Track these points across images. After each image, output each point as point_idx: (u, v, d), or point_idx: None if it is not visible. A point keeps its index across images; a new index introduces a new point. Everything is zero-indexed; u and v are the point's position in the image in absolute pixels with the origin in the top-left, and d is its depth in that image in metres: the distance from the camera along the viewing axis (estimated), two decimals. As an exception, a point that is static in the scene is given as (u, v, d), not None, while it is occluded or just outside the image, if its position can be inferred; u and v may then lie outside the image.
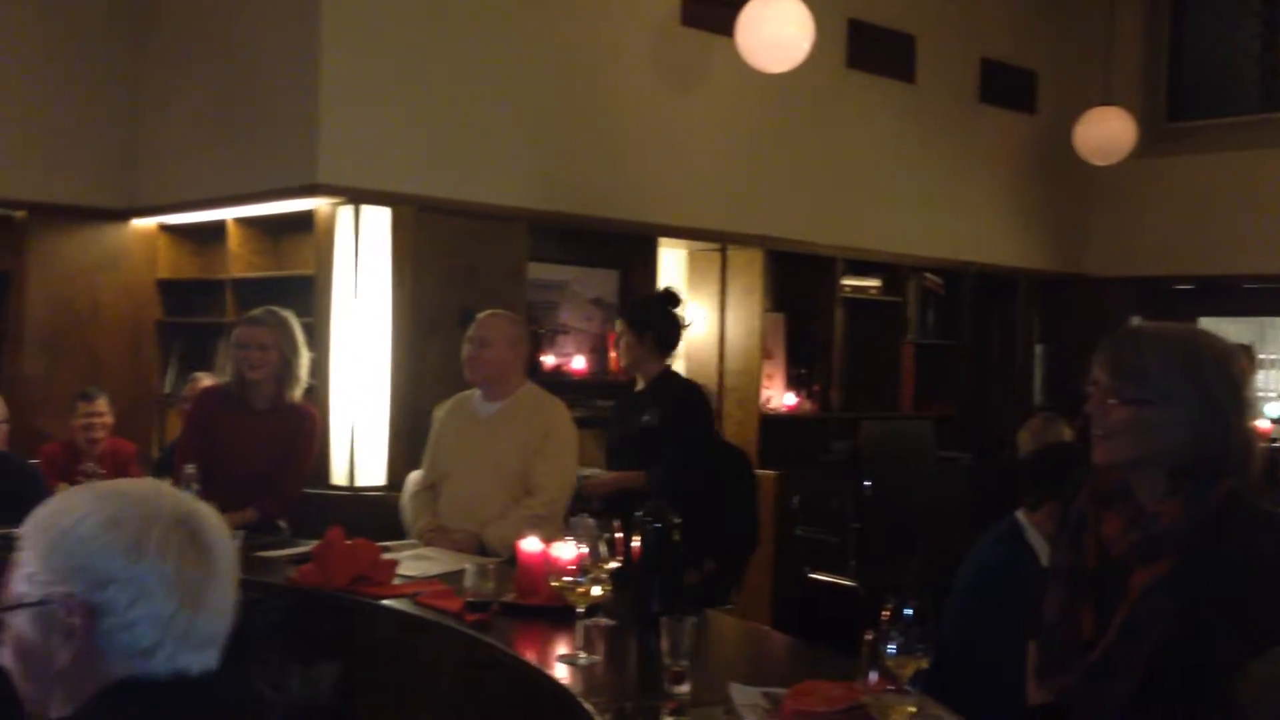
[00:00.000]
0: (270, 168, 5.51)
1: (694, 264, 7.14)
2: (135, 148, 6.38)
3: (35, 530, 1.37)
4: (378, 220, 5.51)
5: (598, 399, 6.07)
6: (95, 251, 6.42)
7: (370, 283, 5.48)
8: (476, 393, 4.07)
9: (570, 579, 2.60)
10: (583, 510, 3.11)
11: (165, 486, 1.44)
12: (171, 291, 6.64)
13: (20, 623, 1.34)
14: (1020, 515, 3.14)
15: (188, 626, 1.33)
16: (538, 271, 6.12)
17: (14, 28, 6.06)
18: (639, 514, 2.83)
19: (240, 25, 5.79)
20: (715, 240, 6.83)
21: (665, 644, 2.24)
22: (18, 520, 3.76)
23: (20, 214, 6.20)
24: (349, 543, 3.19)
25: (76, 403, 5.49)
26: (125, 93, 6.36)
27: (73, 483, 5.04)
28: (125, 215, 6.45)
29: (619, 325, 4.74)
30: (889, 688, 1.88)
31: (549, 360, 6.22)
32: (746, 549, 5.58)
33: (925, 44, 7.66)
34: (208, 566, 1.36)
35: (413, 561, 3.44)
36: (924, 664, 1.90)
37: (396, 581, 3.18)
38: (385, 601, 3.03)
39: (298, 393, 4.36)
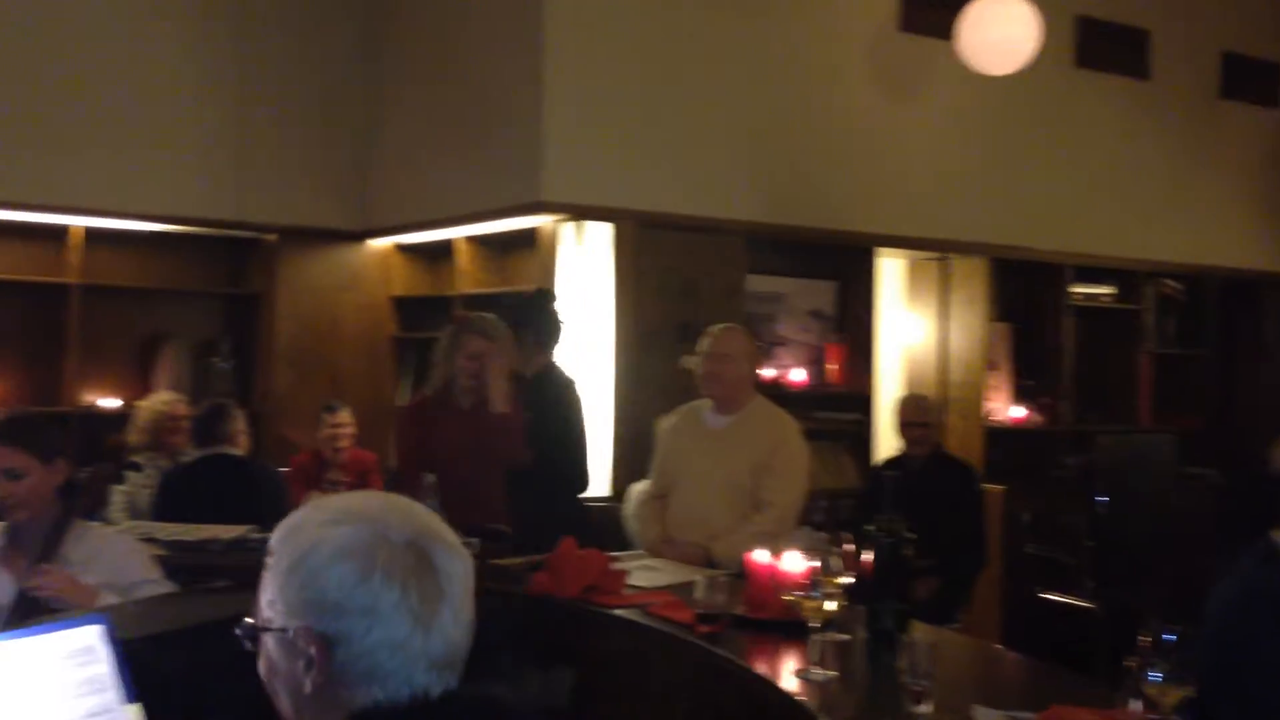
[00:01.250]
0: (497, 187, 5.70)
1: (914, 273, 7.00)
2: (371, 173, 6.72)
3: (275, 554, 1.37)
4: (599, 236, 5.63)
5: (817, 411, 6.02)
6: (336, 271, 6.79)
7: (593, 298, 5.59)
8: (706, 405, 4.08)
9: (801, 593, 2.57)
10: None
11: (396, 504, 1.41)
12: (405, 308, 6.95)
13: (269, 645, 1.36)
14: (1277, 536, 2.93)
15: (423, 648, 1.32)
16: (756, 284, 6.12)
17: (264, 70, 6.48)
18: (870, 527, 2.79)
19: (466, 51, 6.03)
20: (936, 249, 6.68)
21: (905, 661, 2.20)
22: (257, 520, 3.98)
23: (271, 238, 6.62)
24: (580, 552, 3.26)
25: (322, 414, 5.82)
26: (361, 122, 6.71)
27: (321, 490, 5.35)
28: (362, 236, 6.80)
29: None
30: (1152, 717, 1.78)
31: (767, 373, 6.20)
32: (974, 566, 5.43)
33: (1161, 38, 7.29)
34: (439, 587, 1.34)
35: (641, 572, 3.48)
36: (1189, 693, 1.80)
37: (627, 591, 3.22)
38: (616, 611, 3.08)
39: (507, 398, 4.50)
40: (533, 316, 4.76)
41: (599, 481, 5.55)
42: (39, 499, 2.89)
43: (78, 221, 6.16)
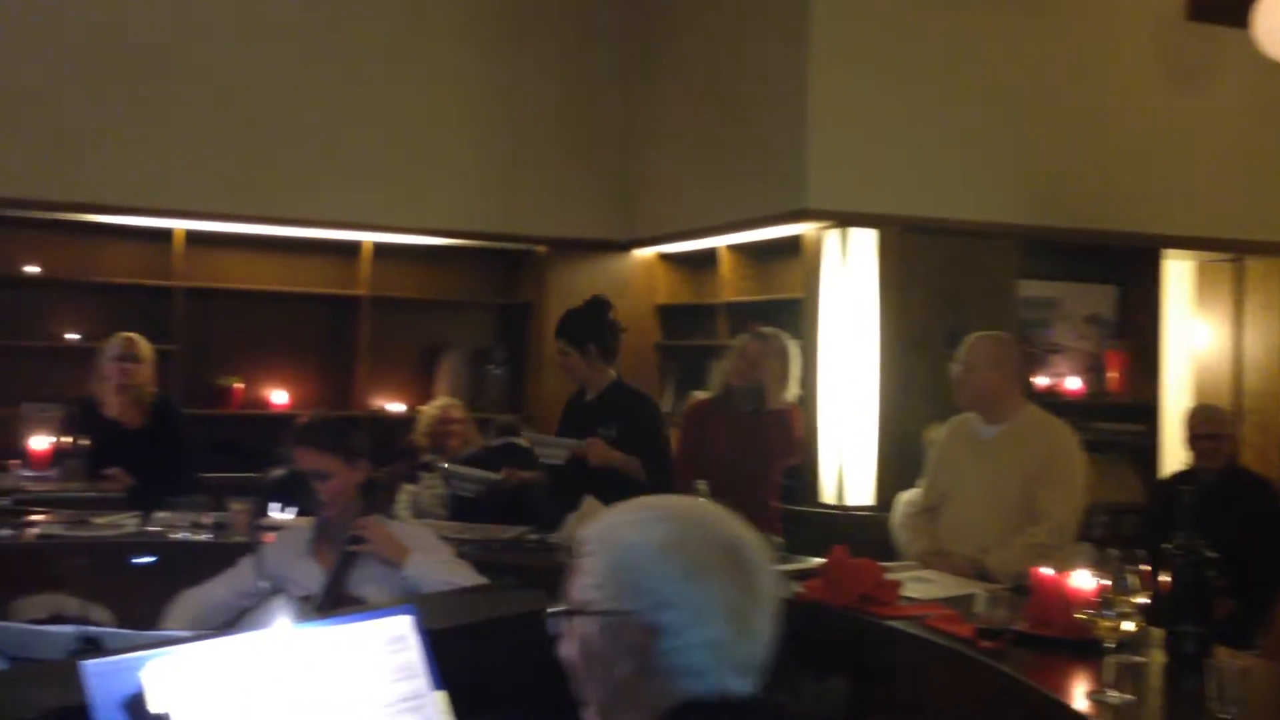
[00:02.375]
0: (760, 195, 5.72)
1: (1203, 276, 6.56)
2: (637, 184, 6.88)
3: (599, 541, 1.41)
4: (864, 242, 5.56)
5: (1095, 421, 5.73)
6: (603, 281, 6.96)
7: (857, 305, 5.53)
8: (978, 415, 3.97)
9: (1094, 611, 2.46)
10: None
11: (714, 509, 1.44)
12: (669, 316, 7.07)
13: (587, 627, 1.39)
14: None
15: (735, 651, 1.34)
16: (1028, 289, 5.90)
17: (535, 90, 6.74)
18: (1168, 546, 2.63)
19: (731, 62, 6.08)
20: (1229, 250, 6.25)
21: (1212, 687, 2.06)
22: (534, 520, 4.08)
23: (540, 249, 6.88)
24: (853, 561, 3.22)
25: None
26: (627, 136, 6.88)
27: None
28: (628, 246, 6.97)
29: (558, 344, 4.48)
30: None
31: (1041, 381, 5.96)
32: (1275, 587, 5.04)
33: None
34: (754, 592, 1.37)
35: (914, 583, 3.41)
36: None
37: (901, 603, 3.17)
38: (891, 622, 3.03)
39: (782, 399, 4.52)
40: (592, 327, 4.50)
41: (863, 490, 5.48)
42: (343, 497, 3.11)
43: (368, 237, 6.59)
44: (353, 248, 6.66)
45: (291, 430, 3.29)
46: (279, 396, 6.67)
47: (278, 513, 4.33)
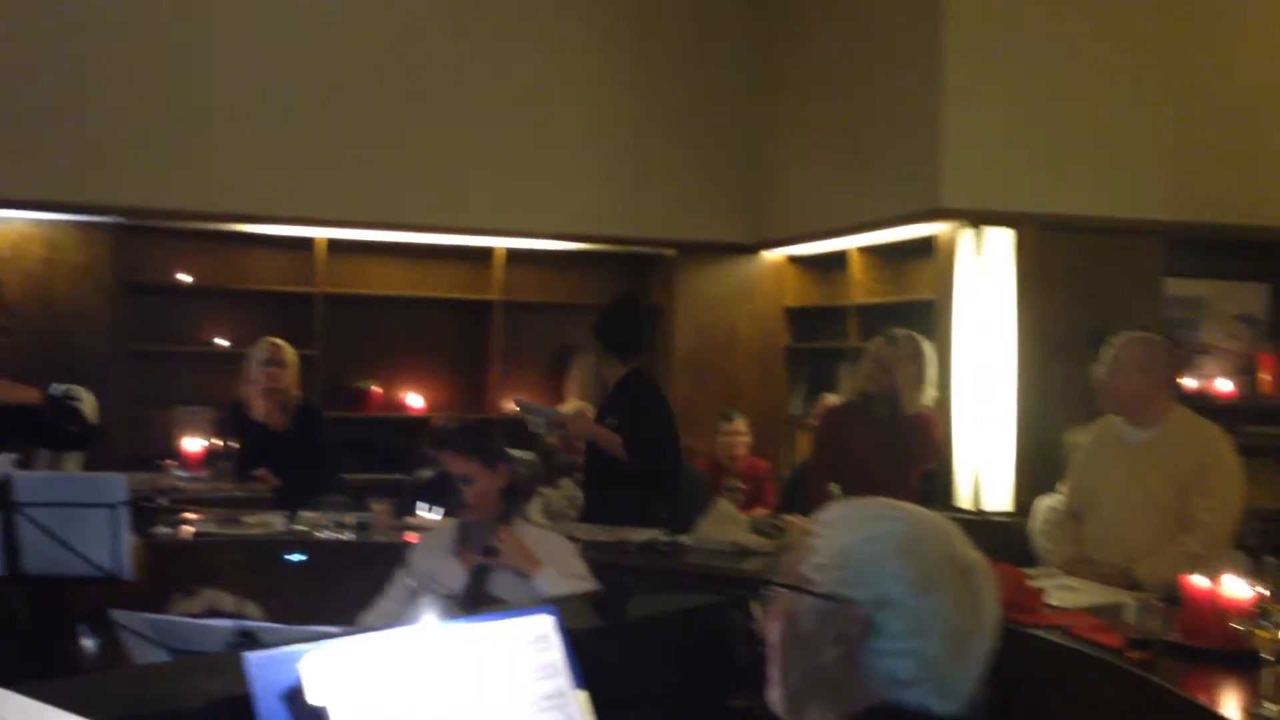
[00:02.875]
0: (892, 195, 5.64)
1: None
2: (766, 187, 6.85)
3: (837, 525, 1.40)
4: (1000, 241, 5.44)
5: (1248, 425, 5.49)
6: (731, 283, 6.98)
7: (992, 305, 5.41)
8: (1124, 418, 3.85)
9: (1250, 621, 2.36)
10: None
11: (955, 529, 1.41)
12: (798, 318, 7.03)
13: (800, 606, 1.37)
14: None
15: (946, 672, 1.31)
16: (1174, 287, 5.69)
17: (662, 94, 6.77)
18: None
19: (862, 62, 6.01)
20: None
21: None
22: (672, 522, 4.12)
23: (670, 252, 6.90)
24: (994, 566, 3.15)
25: (719, 422, 5.99)
26: (756, 138, 6.86)
27: (721, 497, 5.49)
28: (756, 249, 6.95)
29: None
30: None
31: (1190, 383, 5.74)
32: None
33: None
34: (977, 619, 1.34)
35: (1058, 591, 3.33)
36: None
37: (1046, 610, 3.09)
38: (1036, 630, 2.95)
39: (918, 403, 4.46)
40: (610, 325, 4.77)
41: (1000, 495, 5.36)
42: (486, 501, 3.17)
43: (500, 243, 6.71)
44: (485, 253, 6.79)
45: (434, 434, 3.37)
46: (414, 400, 6.83)
47: (426, 513, 4.43)
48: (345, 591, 3.52)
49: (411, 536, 4.36)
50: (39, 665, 3.02)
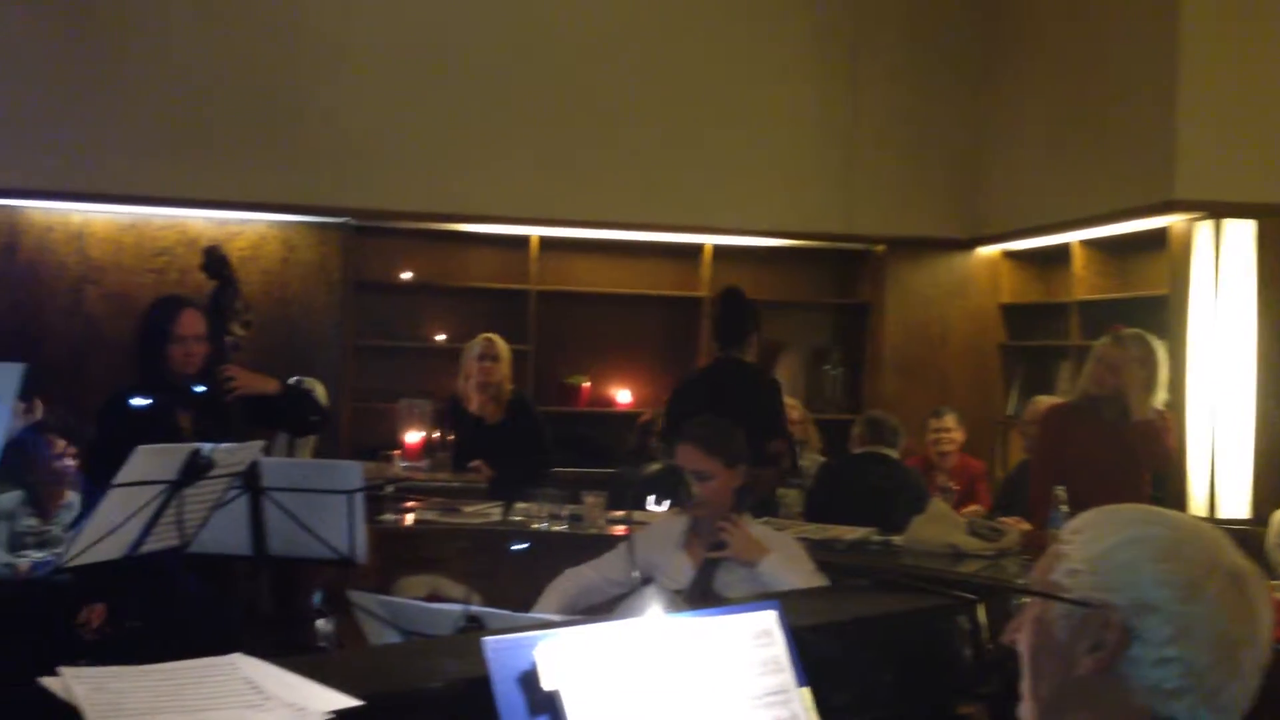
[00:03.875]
0: (1121, 187, 5.39)
1: None
2: (980, 180, 6.65)
3: (1091, 528, 1.34)
4: (1240, 234, 5.12)
5: None
6: (944, 280, 6.81)
7: (1231, 302, 5.10)
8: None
9: None
10: None
11: (1223, 535, 1.33)
12: (1014, 315, 6.80)
13: (1051, 614, 1.32)
14: None
15: (1217, 685, 1.23)
16: None
17: (874, 86, 6.66)
18: None
19: (1090, 51, 5.76)
20: None
21: None
22: (890, 521, 4.04)
23: (879, 248, 6.79)
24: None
25: (928, 419, 5.85)
26: (970, 131, 6.67)
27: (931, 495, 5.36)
28: (970, 244, 6.75)
29: None
30: None
31: None
32: None
33: None
34: (1251, 629, 1.25)
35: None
36: None
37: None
38: (1284, 647, 2.76)
39: (1147, 409, 4.24)
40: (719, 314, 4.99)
41: (1238, 503, 5.05)
42: (720, 500, 3.17)
43: (708, 240, 6.74)
44: (694, 250, 6.82)
45: (677, 429, 3.39)
46: (623, 395, 6.93)
47: (654, 506, 4.49)
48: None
49: (622, 529, 4.43)
50: (279, 641, 3.20)
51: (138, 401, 3.53)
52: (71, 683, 1.45)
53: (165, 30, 6.01)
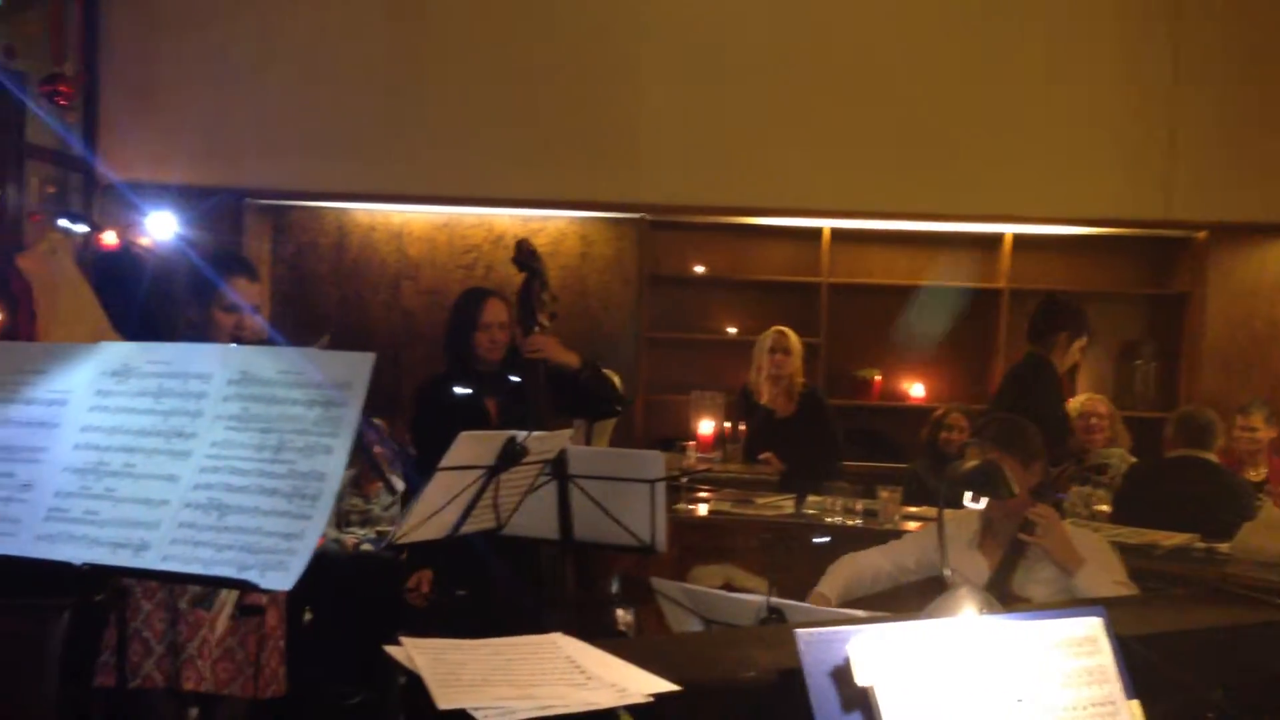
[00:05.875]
0: None
1: None
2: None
3: None
4: None
5: None
6: (1273, 268, 6.28)
7: None
8: None
9: None
10: None
11: None
12: (1358, 307, 6.19)
13: None
14: None
15: None
16: None
17: (1197, 61, 6.20)
18: None
19: None
20: None
21: None
22: (1214, 528, 3.78)
23: (1200, 235, 6.32)
24: None
25: (1234, 415, 5.40)
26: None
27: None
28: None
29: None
30: None
31: None
32: None
33: None
34: None
35: None
36: None
37: None
38: None
39: None
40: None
41: None
42: (1018, 498, 3.05)
43: (1008, 229, 6.47)
44: (993, 240, 6.58)
45: (974, 426, 3.31)
46: (916, 390, 6.77)
47: (970, 503, 4.38)
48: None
49: (916, 525, 4.33)
50: (582, 624, 3.31)
51: (459, 390, 3.73)
52: (413, 652, 1.55)
53: (472, 42, 6.33)
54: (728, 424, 5.76)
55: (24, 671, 3.15)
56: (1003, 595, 2.88)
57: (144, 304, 5.28)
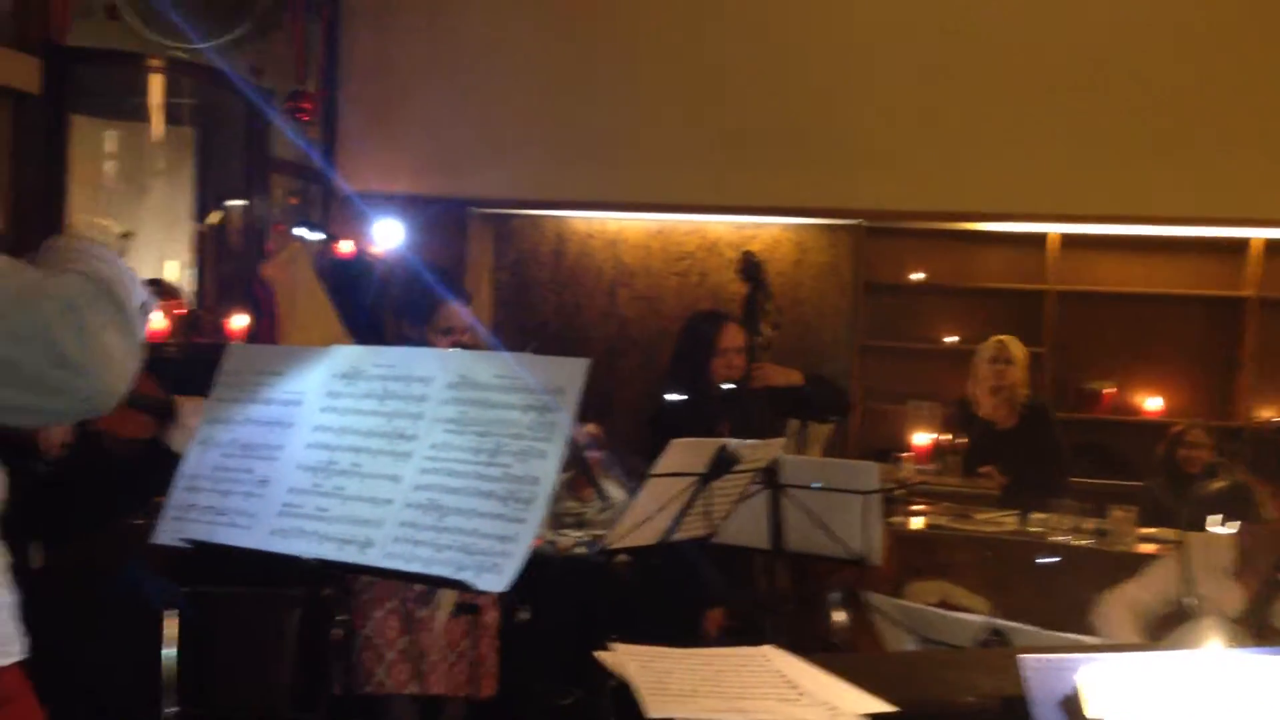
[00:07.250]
0: None
1: None
2: None
3: None
4: None
5: None
6: None
7: None
8: None
9: None
10: None
11: None
12: None
13: None
14: None
15: None
16: None
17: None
18: None
19: None
20: None
21: None
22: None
23: None
24: None
25: None
26: None
27: None
28: None
29: None
30: None
31: None
32: None
33: None
34: None
35: None
36: None
37: None
38: None
39: None
40: None
41: None
42: (1273, 525, 2.85)
43: (1259, 234, 6.06)
44: (1239, 245, 6.16)
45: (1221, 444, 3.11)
46: (1152, 403, 6.41)
47: (1215, 527, 4.14)
48: (1077, 599, 3.36)
49: (1152, 548, 4.08)
50: (796, 635, 3.26)
51: (672, 397, 3.75)
52: (624, 658, 1.55)
53: (687, 51, 6.35)
54: (946, 435, 5.59)
55: (263, 656, 3.32)
56: (1259, 628, 2.67)
57: (372, 309, 5.52)
